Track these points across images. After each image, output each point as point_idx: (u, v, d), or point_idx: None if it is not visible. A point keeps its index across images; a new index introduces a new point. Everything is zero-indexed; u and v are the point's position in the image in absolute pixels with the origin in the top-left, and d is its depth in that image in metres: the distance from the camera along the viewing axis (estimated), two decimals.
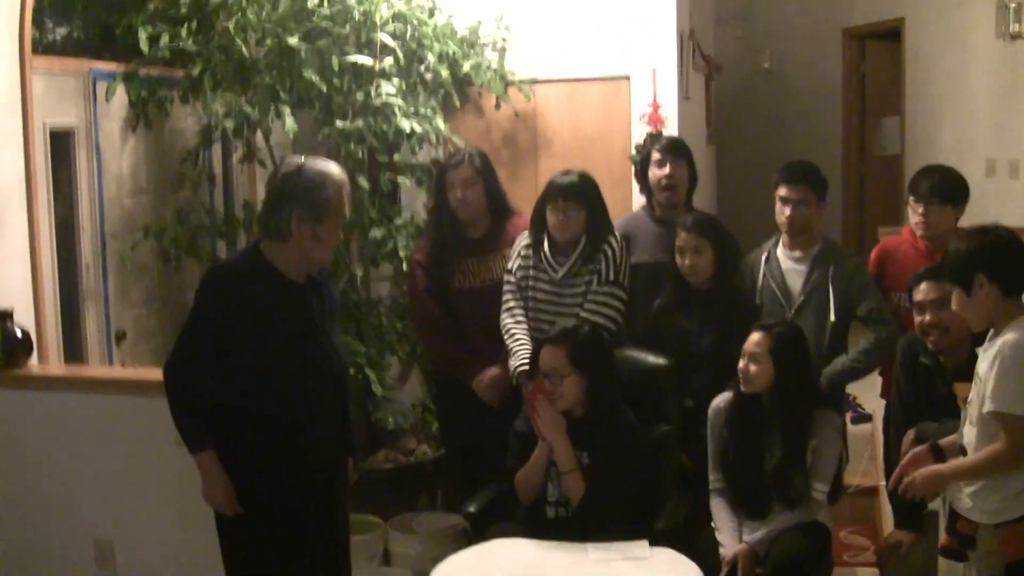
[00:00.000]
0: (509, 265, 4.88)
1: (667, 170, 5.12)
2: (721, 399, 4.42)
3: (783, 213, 4.82)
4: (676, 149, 5.21)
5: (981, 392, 3.51)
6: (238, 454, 3.70)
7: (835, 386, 4.77)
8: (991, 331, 3.59)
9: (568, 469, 4.24)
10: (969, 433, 3.61)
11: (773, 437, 4.26)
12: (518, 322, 4.81)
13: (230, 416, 3.69)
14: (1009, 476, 3.47)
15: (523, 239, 4.89)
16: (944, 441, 3.82)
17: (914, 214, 4.78)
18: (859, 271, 4.85)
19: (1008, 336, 3.46)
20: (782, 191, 4.82)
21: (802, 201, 4.79)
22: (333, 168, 3.73)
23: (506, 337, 4.80)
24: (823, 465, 4.27)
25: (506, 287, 4.87)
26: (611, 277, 4.74)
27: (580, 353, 4.29)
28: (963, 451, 3.64)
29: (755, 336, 4.26)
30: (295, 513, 3.76)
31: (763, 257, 4.91)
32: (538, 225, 4.83)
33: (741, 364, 4.27)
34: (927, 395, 4.14)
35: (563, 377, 4.27)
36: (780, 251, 4.90)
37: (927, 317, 4.18)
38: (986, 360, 3.52)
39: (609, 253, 4.76)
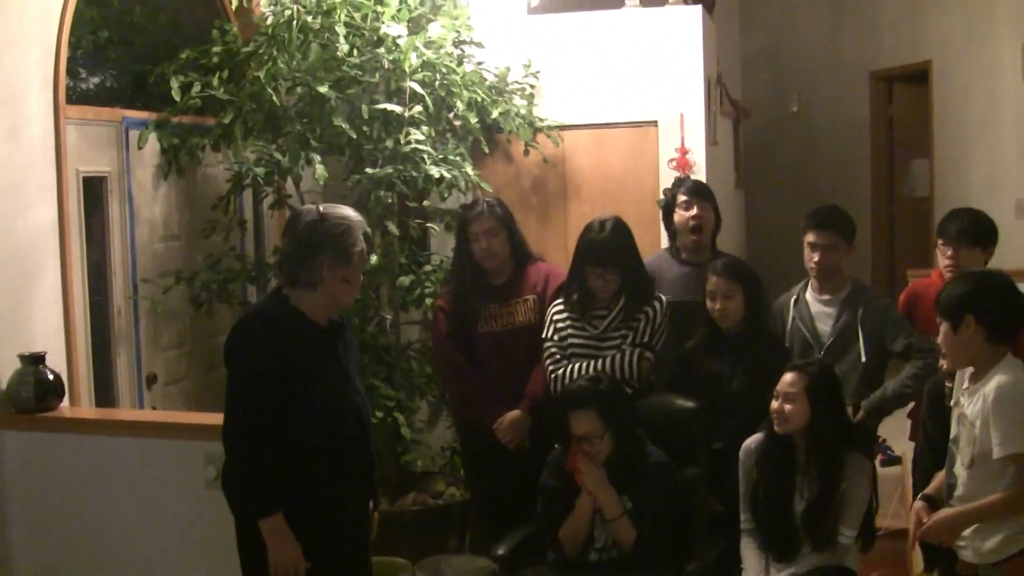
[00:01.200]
0: (544, 334, 4.88)
1: (694, 211, 5.18)
2: (752, 440, 4.41)
3: (812, 259, 4.84)
4: (701, 192, 5.28)
5: (972, 435, 3.54)
6: (302, 512, 3.65)
7: (880, 413, 4.76)
8: (970, 370, 3.69)
9: (616, 516, 4.26)
10: (961, 474, 3.63)
11: (804, 479, 4.25)
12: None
13: (289, 473, 3.64)
14: (1019, 515, 3.50)
15: (554, 307, 4.91)
16: (930, 489, 3.87)
17: (943, 257, 4.77)
18: (889, 310, 4.86)
19: (1000, 379, 3.50)
20: (810, 237, 4.84)
21: (831, 246, 4.81)
22: (351, 213, 3.82)
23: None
24: (852, 510, 4.24)
25: (548, 353, 4.85)
26: (645, 339, 4.76)
27: (609, 410, 4.30)
28: (950, 493, 3.66)
29: (789, 376, 4.25)
30: (335, 564, 3.75)
31: (792, 300, 4.92)
32: (577, 281, 4.84)
33: (775, 404, 4.25)
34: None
35: (601, 438, 4.29)
36: (809, 294, 4.92)
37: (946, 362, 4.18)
38: (975, 403, 3.56)
39: (650, 314, 4.78)
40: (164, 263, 5.62)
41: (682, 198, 5.24)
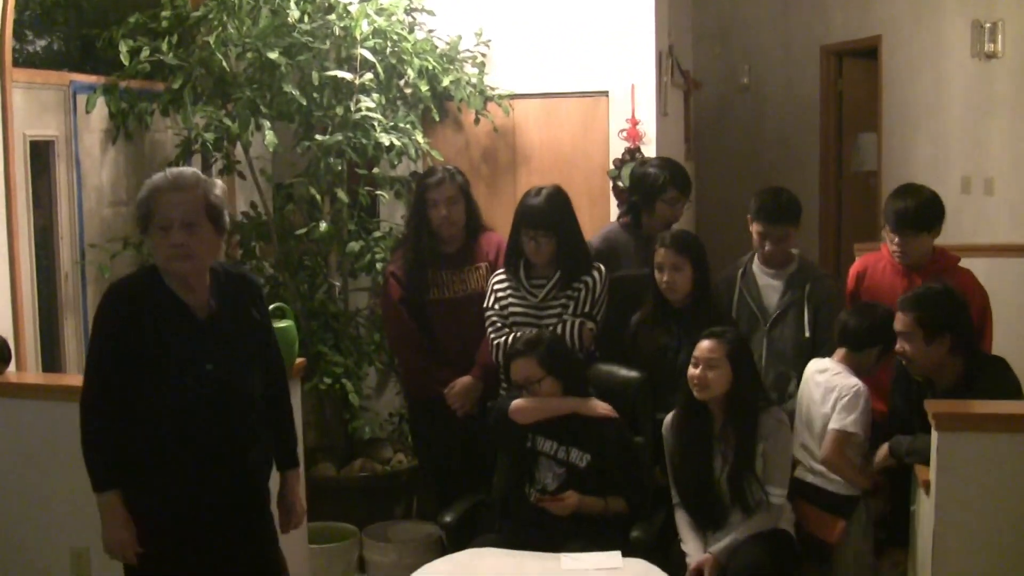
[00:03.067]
0: (486, 303, 4.92)
1: (680, 209, 5.25)
2: (670, 416, 4.49)
3: (763, 246, 4.85)
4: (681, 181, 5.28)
5: None
6: (139, 496, 3.49)
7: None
8: None
9: (599, 509, 4.39)
10: None
11: (723, 445, 4.33)
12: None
13: (132, 454, 3.48)
14: None
15: (495, 277, 4.96)
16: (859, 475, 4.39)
17: (891, 243, 4.77)
18: (834, 295, 4.93)
19: None
20: (760, 227, 4.85)
21: (783, 237, 4.84)
22: (157, 176, 3.49)
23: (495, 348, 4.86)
24: (777, 468, 4.33)
25: (489, 321, 4.90)
26: (585, 309, 4.79)
27: (549, 358, 4.43)
28: None
29: (708, 343, 4.31)
30: (171, 556, 3.53)
31: (739, 273, 4.96)
32: (515, 248, 4.88)
33: (694, 371, 4.30)
34: (919, 411, 4.21)
35: (540, 382, 4.40)
36: (756, 267, 4.95)
37: (901, 345, 4.25)
38: None
39: (590, 284, 4.81)
40: (112, 229, 5.59)
41: (671, 193, 5.23)
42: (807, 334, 4.80)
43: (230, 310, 3.59)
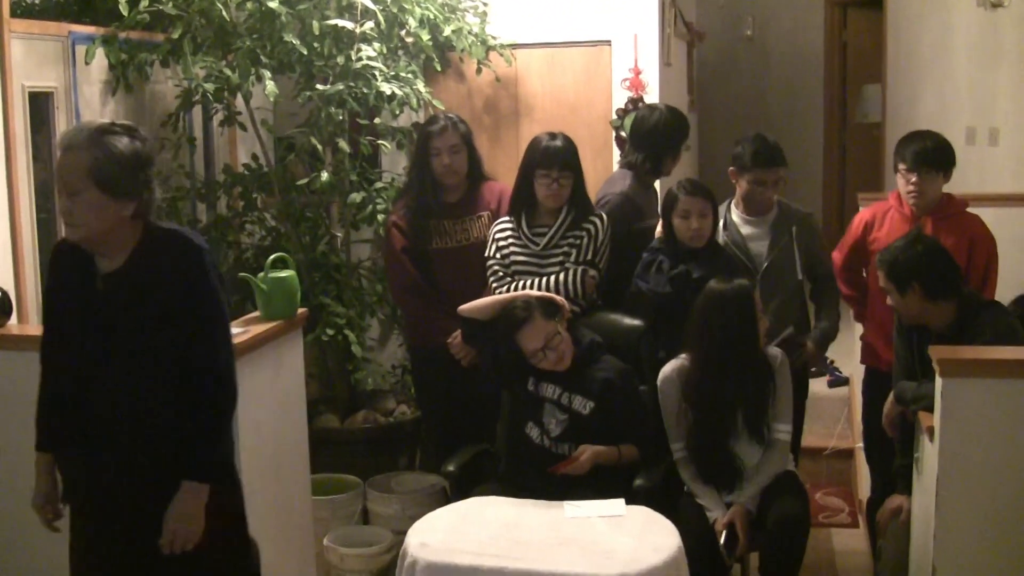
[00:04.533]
0: (487, 252, 4.91)
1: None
2: (672, 368, 4.46)
3: (763, 194, 4.84)
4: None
5: None
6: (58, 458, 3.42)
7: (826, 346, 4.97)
8: None
9: (614, 459, 4.38)
10: None
11: (739, 397, 4.33)
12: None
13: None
14: None
15: (497, 226, 4.95)
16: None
17: (906, 183, 4.75)
18: (817, 230, 5.03)
19: None
20: (756, 175, 4.83)
21: (777, 181, 4.85)
22: (71, 131, 3.29)
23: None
24: (782, 403, 4.38)
25: (491, 270, 4.89)
26: (588, 256, 4.78)
27: (550, 310, 4.44)
28: None
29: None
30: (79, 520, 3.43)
31: (720, 224, 4.93)
32: (522, 195, 4.86)
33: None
34: (920, 355, 4.20)
35: (560, 335, 4.39)
36: (736, 216, 4.94)
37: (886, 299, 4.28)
38: None
39: (592, 231, 4.80)
40: None
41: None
42: (800, 276, 4.83)
43: (140, 278, 3.24)
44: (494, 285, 4.83)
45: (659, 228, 4.81)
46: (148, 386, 3.24)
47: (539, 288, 4.69)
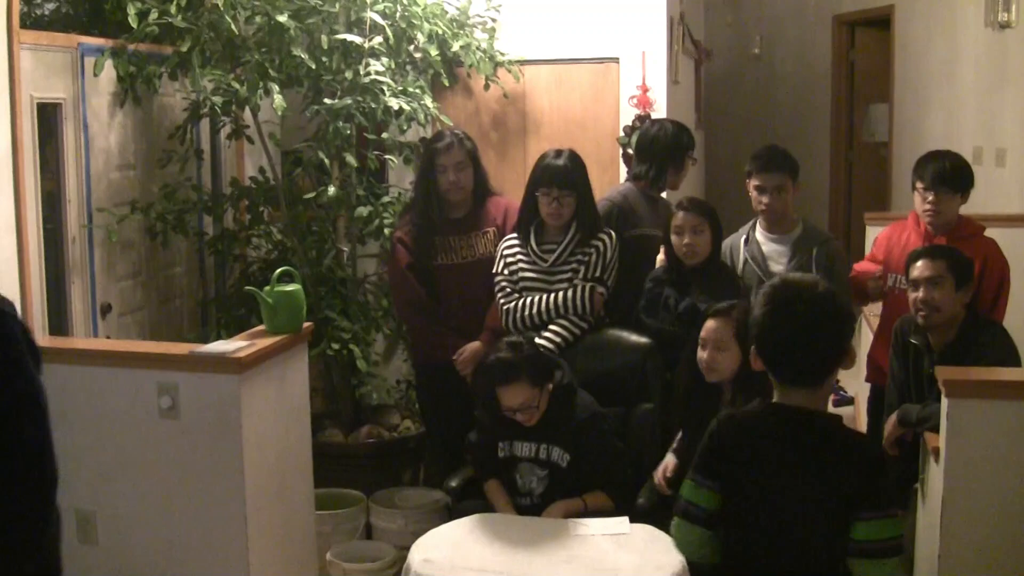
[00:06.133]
0: (495, 268, 4.92)
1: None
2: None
3: (761, 201, 4.86)
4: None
5: None
6: None
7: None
8: None
9: (579, 509, 4.30)
10: None
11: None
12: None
13: None
14: None
15: (505, 242, 4.95)
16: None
17: (923, 202, 4.76)
18: (840, 256, 4.91)
19: None
20: (757, 181, 4.87)
21: (779, 187, 4.84)
22: None
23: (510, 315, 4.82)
24: None
25: (499, 287, 4.89)
26: (597, 273, 4.79)
27: (537, 373, 4.31)
28: None
29: (713, 323, 4.17)
30: None
31: (742, 240, 4.95)
32: (528, 212, 4.86)
33: (703, 355, 4.18)
34: (915, 375, 4.18)
35: (536, 405, 4.31)
36: (759, 234, 4.95)
37: (920, 294, 4.24)
38: None
39: (601, 248, 4.81)
40: (119, 192, 5.57)
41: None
42: None
43: None
44: (502, 301, 4.83)
45: (661, 256, 4.85)
46: None
47: (547, 304, 4.68)
